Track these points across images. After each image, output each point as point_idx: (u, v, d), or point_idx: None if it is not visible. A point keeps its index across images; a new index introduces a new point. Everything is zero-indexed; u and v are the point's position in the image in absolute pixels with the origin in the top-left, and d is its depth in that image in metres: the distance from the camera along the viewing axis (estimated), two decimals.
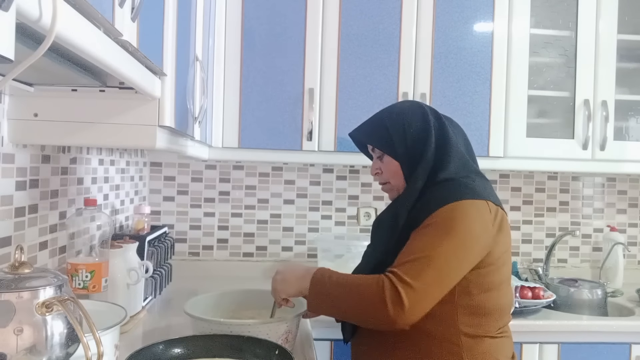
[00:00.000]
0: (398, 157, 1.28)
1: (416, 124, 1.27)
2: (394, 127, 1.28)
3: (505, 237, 1.23)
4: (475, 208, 1.17)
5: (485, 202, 1.19)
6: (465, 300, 1.17)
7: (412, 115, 1.29)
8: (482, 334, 1.19)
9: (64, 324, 0.77)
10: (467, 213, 1.15)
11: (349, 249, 2.09)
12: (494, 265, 1.19)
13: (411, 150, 1.26)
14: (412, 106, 1.32)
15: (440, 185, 1.21)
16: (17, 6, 0.52)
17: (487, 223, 1.17)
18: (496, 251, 1.19)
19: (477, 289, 1.17)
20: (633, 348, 1.85)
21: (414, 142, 1.26)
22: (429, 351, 1.19)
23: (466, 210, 1.15)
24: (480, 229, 1.15)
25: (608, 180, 2.51)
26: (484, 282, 1.18)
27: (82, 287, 1.29)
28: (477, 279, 1.17)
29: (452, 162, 1.24)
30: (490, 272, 1.19)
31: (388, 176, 1.33)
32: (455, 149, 1.26)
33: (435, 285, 1.12)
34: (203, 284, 2.02)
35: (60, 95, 1.16)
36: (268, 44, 1.98)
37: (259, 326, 1.22)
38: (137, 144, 1.20)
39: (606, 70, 2.10)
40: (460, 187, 1.20)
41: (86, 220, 1.35)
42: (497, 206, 1.21)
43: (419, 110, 1.30)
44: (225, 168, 2.32)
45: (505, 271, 1.23)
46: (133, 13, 0.85)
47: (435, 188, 1.21)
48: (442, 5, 2.02)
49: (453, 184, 1.21)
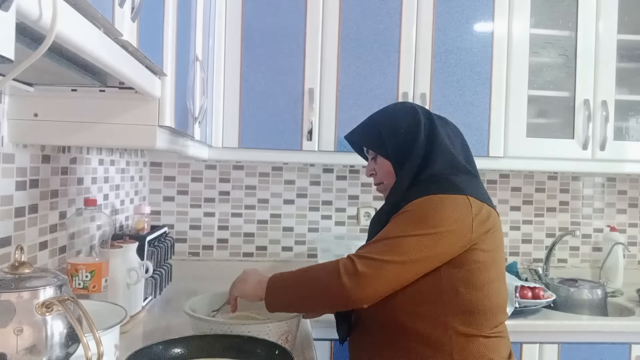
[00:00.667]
0: (389, 157, 1.30)
1: (407, 123, 1.29)
2: (386, 128, 1.30)
3: (494, 235, 1.21)
4: (452, 201, 1.17)
5: (465, 197, 1.18)
6: (453, 299, 1.17)
7: (404, 115, 1.30)
8: (474, 333, 1.18)
9: (64, 324, 0.77)
10: (440, 205, 1.16)
11: (349, 249, 2.09)
12: (481, 263, 1.18)
13: (400, 148, 1.27)
14: (404, 107, 1.34)
15: (424, 182, 1.23)
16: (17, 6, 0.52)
17: (464, 216, 1.16)
18: (482, 248, 1.18)
19: (465, 287, 1.17)
20: (633, 348, 1.85)
21: (404, 140, 1.27)
22: (420, 351, 1.18)
23: (440, 202, 1.16)
24: (453, 221, 1.15)
25: (608, 180, 2.51)
26: (471, 280, 1.17)
27: (82, 287, 1.29)
28: (463, 277, 1.17)
29: (438, 160, 1.24)
30: (477, 269, 1.18)
31: (382, 176, 1.34)
32: (443, 147, 1.26)
33: (392, 264, 1.12)
34: (203, 284, 2.02)
35: (60, 95, 1.16)
36: (268, 44, 1.99)
37: (259, 326, 1.22)
38: (137, 144, 1.20)
39: (606, 70, 2.10)
40: (441, 182, 1.21)
41: (86, 220, 1.35)
42: (481, 202, 1.20)
43: (411, 111, 1.31)
44: (225, 168, 2.32)
45: (495, 269, 1.21)
46: (133, 13, 0.85)
47: (419, 185, 1.23)
48: (442, 5, 2.02)
49: (435, 180, 1.22)
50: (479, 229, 1.17)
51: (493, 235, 1.21)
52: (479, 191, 1.24)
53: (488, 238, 1.19)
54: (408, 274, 1.14)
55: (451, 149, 1.28)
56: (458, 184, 1.20)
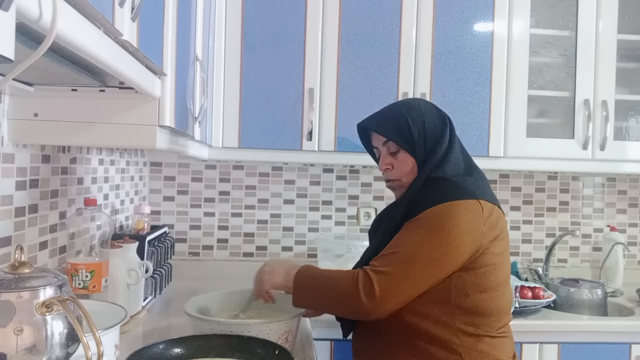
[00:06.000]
0: (416, 155, 1.27)
1: (435, 122, 1.28)
2: (415, 124, 1.26)
3: (502, 238, 1.22)
4: (465, 208, 1.16)
5: (477, 201, 1.18)
6: (462, 301, 1.17)
7: (430, 113, 1.29)
8: (481, 333, 1.19)
9: (64, 324, 0.77)
10: (454, 213, 1.16)
11: (349, 249, 2.09)
12: (490, 266, 1.19)
13: (429, 150, 1.26)
14: (427, 103, 1.34)
15: (435, 184, 1.22)
16: (17, 6, 0.52)
17: (476, 223, 1.16)
18: (492, 252, 1.19)
19: (474, 290, 1.17)
20: (633, 348, 1.85)
21: (432, 141, 1.26)
22: (428, 351, 1.19)
23: (454, 210, 1.16)
24: (467, 229, 1.15)
25: (608, 180, 2.51)
26: (481, 283, 1.18)
27: (82, 287, 1.29)
28: (473, 280, 1.17)
29: (451, 162, 1.24)
30: (487, 272, 1.18)
31: (400, 173, 1.30)
32: (457, 150, 1.28)
33: (410, 280, 1.13)
34: (203, 284, 2.02)
35: (60, 95, 1.16)
36: (268, 44, 1.98)
37: (259, 326, 1.22)
38: (137, 144, 1.20)
39: (606, 70, 2.10)
40: (453, 186, 1.20)
41: (86, 220, 1.34)
42: (492, 205, 1.21)
43: (434, 109, 1.32)
44: (225, 168, 2.32)
45: (502, 272, 1.22)
46: (133, 13, 0.85)
47: (430, 187, 1.22)
48: (442, 5, 2.02)
49: (447, 184, 1.21)
50: (489, 234, 1.18)
51: (502, 238, 1.22)
52: (488, 192, 1.25)
53: (497, 242, 1.20)
54: (425, 286, 1.15)
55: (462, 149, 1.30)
56: (469, 188, 1.20)
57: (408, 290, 1.14)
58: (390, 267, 1.14)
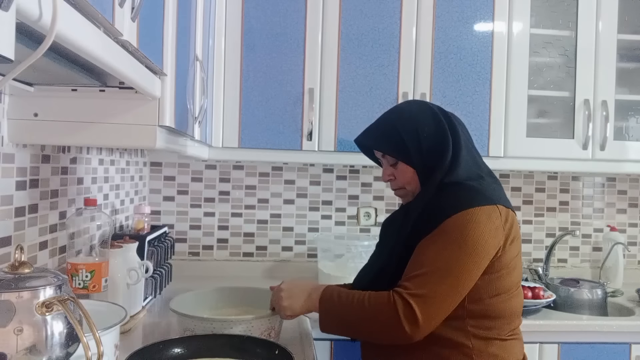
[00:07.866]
0: (414, 164, 1.25)
1: (429, 127, 1.24)
2: (407, 133, 1.24)
3: (516, 241, 1.22)
4: (486, 215, 1.15)
5: (495, 206, 1.17)
6: (475, 305, 1.17)
7: (423, 118, 1.25)
8: (492, 336, 1.19)
9: (64, 324, 0.77)
10: (477, 221, 1.14)
11: (349, 249, 2.09)
12: (504, 270, 1.18)
13: (428, 157, 1.23)
14: (420, 108, 1.29)
15: (450, 189, 1.19)
16: (17, 6, 0.52)
17: (497, 229, 1.15)
18: (507, 256, 1.18)
19: (487, 293, 1.17)
20: (633, 348, 1.85)
21: (430, 147, 1.23)
22: (439, 353, 1.18)
23: (476, 218, 1.14)
24: (490, 236, 1.14)
25: (608, 180, 2.51)
26: (495, 286, 1.17)
27: (82, 287, 1.29)
28: (487, 284, 1.17)
29: (462, 164, 1.22)
30: (501, 276, 1.18)
31: (403, 182, 1.29)
32: (467, 151, 1.25)
33: (448, 298, 1.12)
34: (203, 283, 2.02)
35: (60, 95, 1.16)
36: (268, 44, 1.98)
37: (242, 323, 1.22)
38: (137, 143, 1.20)
39: (606, 70, 2.10)
40: (470, 192, 1.18)
41: (86, 220, 1.35)
42: (507, 209, 1.20)
43: (429, 112, 1.27)
44: (225, 168, 2.32)
45: (516, 275, 1.22)
46: (133, 13, 0.85)
47: (444, 193, 1.20)
48: (442, 5, 2.02)
49: (462, 189, 1.19)
50: (507, 238, 1.18)
51: (515, 242, 1.22)
52: (503, 195, 1.24)
53: (512, 245, 1.20)
54: (461, 297, 1.15)
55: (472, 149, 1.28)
56: (486, 193, 1.19)
57: (448, 308, 1.13)
58: (426, 288, 1.11)
